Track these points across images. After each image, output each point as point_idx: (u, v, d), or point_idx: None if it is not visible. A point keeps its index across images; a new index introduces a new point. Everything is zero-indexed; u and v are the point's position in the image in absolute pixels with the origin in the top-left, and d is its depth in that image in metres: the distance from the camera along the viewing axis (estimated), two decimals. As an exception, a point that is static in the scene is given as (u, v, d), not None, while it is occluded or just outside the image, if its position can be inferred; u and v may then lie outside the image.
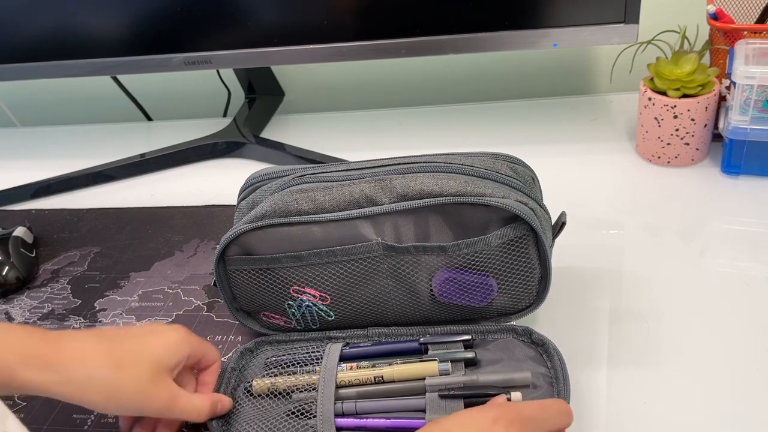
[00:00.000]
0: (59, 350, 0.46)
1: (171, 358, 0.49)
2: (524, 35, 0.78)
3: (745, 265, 0.65)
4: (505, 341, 0.56)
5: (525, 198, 0.54)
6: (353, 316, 0.58)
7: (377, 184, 0.54)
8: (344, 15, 0.82)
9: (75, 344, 0.47)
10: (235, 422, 0.53)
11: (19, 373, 0.44)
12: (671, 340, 0.58)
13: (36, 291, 0.74)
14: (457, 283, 0.55)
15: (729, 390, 0.53)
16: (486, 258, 0.54)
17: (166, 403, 0.48)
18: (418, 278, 0.55)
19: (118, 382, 0.46)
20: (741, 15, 0.81)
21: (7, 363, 0.44)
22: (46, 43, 0.89)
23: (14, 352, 0.45)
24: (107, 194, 0.92)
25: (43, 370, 0.45)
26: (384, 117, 1.01)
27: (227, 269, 0.58)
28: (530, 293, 0.57)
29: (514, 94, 1.05)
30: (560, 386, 0.51)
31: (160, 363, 0.48)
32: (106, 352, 0.47)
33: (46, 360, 0.45)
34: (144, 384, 0.47)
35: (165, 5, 0.84)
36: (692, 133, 0.76)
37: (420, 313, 0.58)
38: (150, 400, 0.48)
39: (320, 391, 0.52)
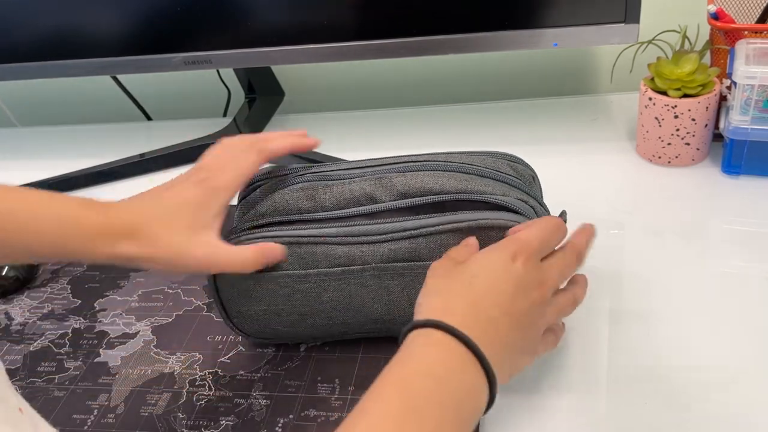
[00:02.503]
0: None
1: (196, 217, 0.50)
2: (524, 35, 0.78)
3: (745, 265, 0.65)
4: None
5: (525, 196, 0.54)
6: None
7: (377, 182, 0.54)
8: (344, 15, 0.82)
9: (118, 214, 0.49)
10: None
11: (95, 243, 0.48)
12: (671, 340, 0.58)
13: (36, 291, 0.74)
14: None
15: (729, 390, 0.53)
16: None
17: (203, 260, 0.49)
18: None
19: (158, 251, 0.48)
20: (742, 15, 0.81)
21: (82, 232, 0.48)
22: (46, 43, 0.89)
23: (92, 221, 0.48)
24: (107, 194, 0.92)
25: (110, 246, 0.48)
26: (384, 117, 1.01)
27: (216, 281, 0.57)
28: None
29: (514, 94, 1.05)
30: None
31: (188, 226, 0.49)
32: (142, 225, 0.49)
33: (111, 234, 0.48)
34: (176, 249, 0.49)
35: (165, 5, 0.84)
36: (693, 133, 0.76)
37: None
38: (185, 261, 0.49)
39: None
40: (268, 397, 0.57)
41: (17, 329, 0.69)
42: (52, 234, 0.48)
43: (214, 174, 0.53)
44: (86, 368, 0.63)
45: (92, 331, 0.67)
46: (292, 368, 0.60)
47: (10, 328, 0.69)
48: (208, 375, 0.60)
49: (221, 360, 0.62)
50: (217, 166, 0.54)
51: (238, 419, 0.56)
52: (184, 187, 0.52)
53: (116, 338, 0.66)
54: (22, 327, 0.69)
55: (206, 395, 0.58)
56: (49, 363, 0.64)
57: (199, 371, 0.61)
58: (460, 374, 0.39)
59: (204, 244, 0.50)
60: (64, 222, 0.48)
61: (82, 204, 0.50)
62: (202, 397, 0.58)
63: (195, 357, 0.62)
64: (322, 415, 0.55)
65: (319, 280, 0.55)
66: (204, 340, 0.64)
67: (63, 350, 0.66)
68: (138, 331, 0.67)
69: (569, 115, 0.94)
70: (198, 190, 0.52)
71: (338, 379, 0.58)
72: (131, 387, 0.60)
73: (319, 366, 0.60)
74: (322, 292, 0.55)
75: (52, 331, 0.68)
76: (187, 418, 0.57)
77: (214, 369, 0.61)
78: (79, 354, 0.65)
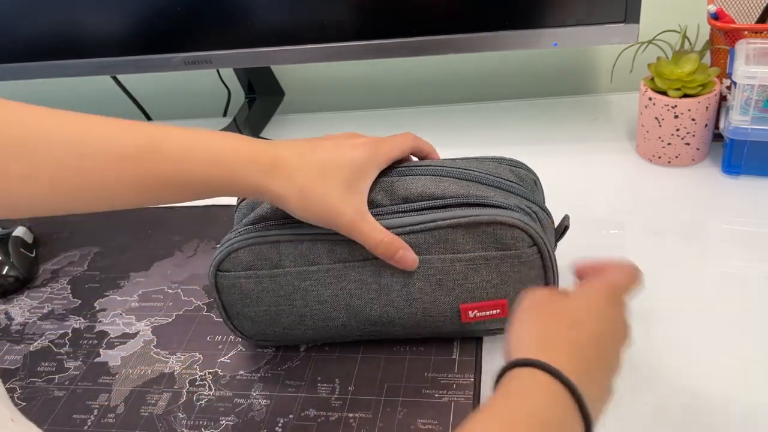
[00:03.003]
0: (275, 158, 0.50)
1: (356, 180, 0.51)
2: (524, 35, 0.78)
3: (745, 265, 0.65)
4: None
5: (526, 203, 0.54)
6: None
7: (378, 186, 0.54)
8: (344, 15, 0.82)
9: (283, 153, 0.50)
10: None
11: (247, 177, 0.49)
12: (671, 340, 0.58)
13: (36, 291, 0.74)
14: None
15: (730, 390, 0.53)
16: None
17: (349, 222, 0.50)
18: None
19: (310, 198, 0.50)
20: (742, 15, 0.81)
21: (238, 165, 0.49)
22: (46, 43, 0.89)
23: (243, 157, 0.49)
24: (107, 194, 0.92)
25: (265, 175, 0.49)
26: (384, 117, 1.01)
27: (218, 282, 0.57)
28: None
29: (514, 94, 1.05)
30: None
31: (345, 181, 0.50)
32: (301, 171, 0.50)
33: (267, 163, 0.49)
34: (331, 203, 0.50)
35: (165, 5, 0.84)
36: (693, 133, 0.76)
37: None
38: (336, 217, 0.50)
39: None
40: (268, 397, 0.57)
41: (17, 329, 0.69)
42: (207, 163, 0.48)
43: (375, 141, 0.54)
44: (86, 368, 0.63)
45: (92, 331, 0.67)
46: (292, 368, 0.60)
47: (10, 328, 0.69)
48: (208, 375, 0.60)
49: (221, 360, 0.62)
50: (380, 138, 0.55)
51: (238, 419, 0.56)
52: (353, 144, 0.53)
53: (116, 338, 0.66)
54: (22, 327, 0.69)
55: (206, 395, 0.58)
56: (49, 363, 0.64)
57: (199, 371, 0.61)
58: (563, 421, 0.38)
59: (354, 207, 0.51)
60: (217, 151, 0.49)
61: (233, 136, 0.51)
62: (202, 397, 0.58)
63: (195, 357, 0.62)
64: (322, 415, 0.55)
65: (320, 277, 0.55)
66: (204, 340, 0.64)
67: (63, 350, 0.66)
68: (138, 331, 0.67)
69: (569, 115, 0.93)
70: (363, 152, 0.52)
71: (338, 379, 0.58)
72: (131, 387, 0.60)
73: (319, 366, 0.60)
74: (322, 291, 0.55)
75: (52, 331, 0.68)
76: (187, 418, 0.57)
77: (214, 369, 0.61)
78: (79, 354, 0.65)
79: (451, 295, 0.54)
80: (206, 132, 0.50)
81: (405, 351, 0.59)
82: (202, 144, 0.49)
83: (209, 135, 0.50)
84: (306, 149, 0.51)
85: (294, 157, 0.50)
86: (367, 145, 0.53)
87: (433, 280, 0.54)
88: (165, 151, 0.48)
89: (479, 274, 0.54)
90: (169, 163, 0.48)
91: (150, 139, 0.48)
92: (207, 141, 0.49)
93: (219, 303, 0.58)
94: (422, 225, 0.53)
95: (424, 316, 0.56)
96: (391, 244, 0.52)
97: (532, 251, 0.53)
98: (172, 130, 0.49)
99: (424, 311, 0.55)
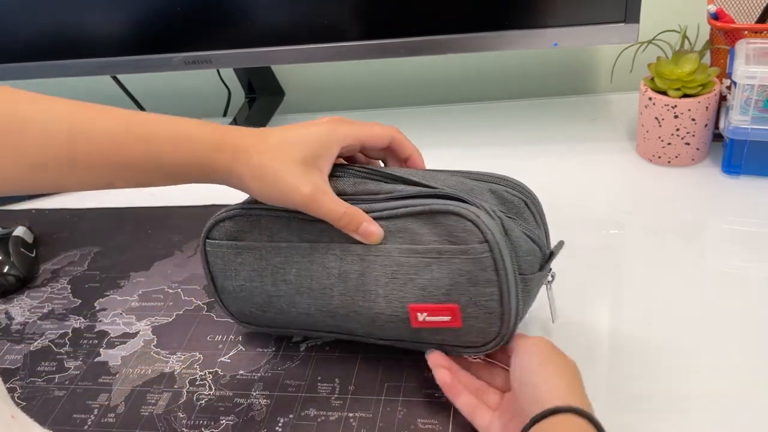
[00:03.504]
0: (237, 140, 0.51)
1: (315, 156, 0.51)
2: (524, 35, 0.78)
3: (745, 265, 0.65)
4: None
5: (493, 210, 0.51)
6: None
7: (352, 184, 0.55)
8: (344, 15, 0.82)
9: (242, 139, 0.52)
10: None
11: (213, 158, 0.50)
12: (671, 340, 0.58)
13: (36, 291, 0.74)
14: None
15: (730, 390, 0.53)
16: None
17: (307, 199, 0.51)
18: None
19: (267, 177, 0.50)
20: (742, 15, 0.81)
21: (205, 149, 0.50)
22: (46, 43, 0.89)
23: (209, 140, 0.51)
24: (107, 194, 0.92)
25: (227, 158, 0.51)
26: (384, 117, 1.00)
27: (207, 250, 0.59)
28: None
29: (514, 94, 1.05)
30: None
31: (303, 159, 0.51)
32: (261, 153, 0.51)
33: (230, 147, 0.51)
34: (288, 180, 0.50)
35: (165, 5, 0.84)
36: (693, 133, 0.76)
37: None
38: (293, 194, 0.51)
39: None
40: (268, 396, 0.57)
41: (17, 329, 0.69)
42: (173, 147, 0.50)
43: (343, 121, 0.54)
44: (86, 368, 0.63)
45: (92, 331, 0.67)
46: (292, 368, 0.60)
47: (10, 328, 0.69)
48: (208, 375, 0.60)
49: (221, 360, 0.62)
50: (349, 120, 0.55)
51: (238, 419, 0.56)
52: (315, 123, 0.54)
53: (116, 338, 0.66)
54: (22, 327, 0.69)
55: (206, 395, 0.58)
56: (49, 363, 0.64)
57: (199, 371, 0.61)
58: None
59: (313, 182, 0.51)
60: (184, 135, 0.51)
61: (201, 123, 0.52)
62: (202, 397, 0.58)
63: (195, 357, 0.62)
64: (322, 415, 0.55)
65: (289, 255, 0.55)
66: (204, 339, 0.64)
67: (63, 350, 0.66)
68: (138, 330, 0.67)
69: (569, 115, 0.94)
70: (323, 128, 0.53)
71: (338, 379, 0.58)
72: (131, 386, 0.60)
73: (319, 366, 0.60)
74: (289, 269, 0.56)
75: (53, 331, 0.68)
76: (187, 417, 0.57)
77: (214, 369, 0.61)
78: (79, 354, 0.65)
79: (402, 291, 0.52)
80: (176, 118, 0.51)
81: (405, 351, 0.59)
82: (170, 128, 0.51)
83: (178, 121, 0.51)
84: (267, 132, 0.52)
85: (253, 138, 0.52)
86: (328, 122, 0.53)
87: (389, 271, 0.52)
88: (137, 135, 0.50)
89: (430, 271, 0.51)
90: (140, 146, 0.50)
91: (124, 124, 0.50)
92: (175, 125, 0.51)
93: (207, 273, 0.60)
94: (382, 212, 0.52)
95: (377, 313, 0.53)
96: (355, 216, 0.52)
97: (482, 248, 0.49)
98: (144, 115, 0.51)
99: (376, 306, 0.53)
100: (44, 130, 0.48)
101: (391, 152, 0.57)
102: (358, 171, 0.55)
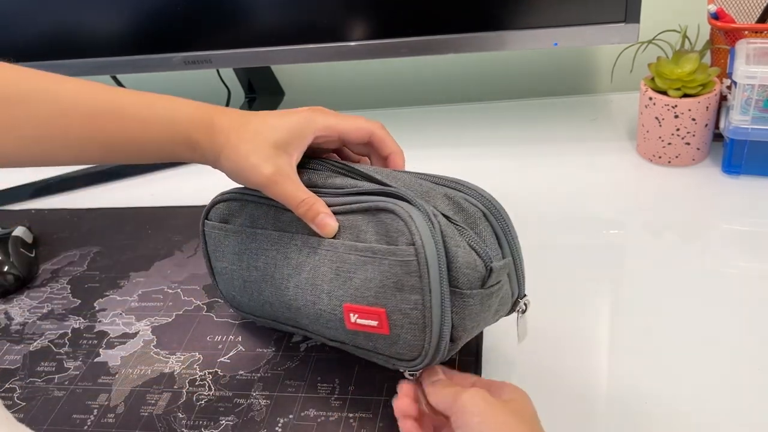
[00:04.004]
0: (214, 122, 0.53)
1: (287, 141, 0.52)
2: (524, 35, 0.78)
3: (745, 265, 0.65)
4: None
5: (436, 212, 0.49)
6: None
7: (315, 173, 0.56)
8: (344, 15, 0.82)
9: (224, 115, 0.53)
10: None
11: (191, 134, 0.52)
12: (671, 341, 0.58)
13: (35, 291, 0.74)
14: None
15: (730, 390, 0.53)
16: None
17: (268, 180, 0.51)
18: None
19: (236, 155, 0.52)
20: (742, 14, 0.81)
21: (183, 125, 0.52)
22: (45, 42, 0.89)
23: (187, 119, 0.52)
24: (107, 194, 0.92)
25: (206, 134, 0.52)
26: (384, 117, 1.00)
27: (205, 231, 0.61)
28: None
29: (514, 94, 1.05)
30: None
31: (275, 142, 0.52)
32: (237, 131, 0.52)
33: (208, 125, 0.52)
34: (252, 160, 0.51)
35: (165, 5, 0.84)
36: (693, 132, 0.76)
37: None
38: (255, 174, 0.52)
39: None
40: (268, 397, 0.57)
41: (17, 329, 0.69)
42: (159, 126, 0.52)
43: (324, 111, 0.55)
44: (86, 368, 0.63)
45: (92, 331, 0.67)
46: (292, 368, 0.60)
47: (10, 328, 0.69)
48: (208, 375, 0.60)
49: (221, 360, 0.62)
50: (331, 111, 0.56)
51: (238, 419, 0.56)
52: (295, 111, 0.54)
53: (116, 338, 0.66)
54: (22, 327, 0.69)
55: (206, 395, 0.58)
56: (49, 363, 0.64)
57: (199, 371, 0.61)
58: None
59: (277, 165, 0.52)
60: (168, 113, 0.52)
61: (185, 103, 0.54)
62: (202, 397, 0.58)
63: (195, 357, 0.62)
64: (322, 415, 0.55)
65: (261, 241, 0.56)
66: (204, 340, 0.64)
67: (63, 350, 0.66)
68: (138, 331, 0.66)
69: (569, 115, 0.93)
70: (299, 117, 0.54)
71: (338, 379, 0.58)
72: (131, 387, 0.60)
73: (319, 366, 0.59)
74: (259, 256, 0.56)
75: (52, 331, 0.68)
76: (187, 418, 0.57)
77: (214, 369, 0.61)
78: (78, 354, 0.65)
79: (342, 289, 0.50)
80: (161, 97, 0.53)
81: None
82: (157, 106, 0.52)
83: (164, 100, 0.53)
84: (249, 115, 0.53)
85: (233, 120, 0.53)
86: (308, 111, 0.54)
87: (333, 267, 0.51)
88: (125, 111, 0.52)
89: (365, 270, 0.49)
90: (126, 122, 0.51)
91: (112, 100, 0.52)
92: (162, 103, 0.53)
93: (205, 253, 0.61)
94: (339, 207, 0.52)
95: (320, 309, 0.52)
96: (314, 205, 0.52)
97: (409, 250, 0.47)
98: (130, 93, 0.53)
99: (320, 302, 0.52)
100: (44, 105, 0.50)
101: (372, 148, 0.57)
102: (333, 165, 0.56)
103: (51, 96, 0.50)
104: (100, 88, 0.52)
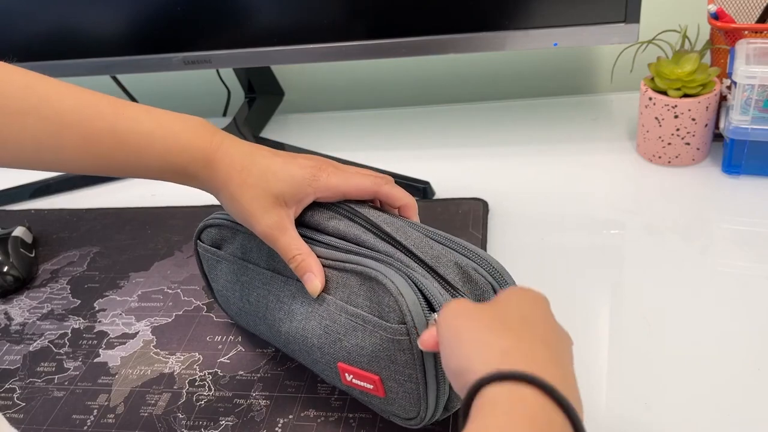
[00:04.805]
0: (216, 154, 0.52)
1: (288, 195, 0.52)
2: (524, 35, 0.78)
3: (745, 265, 0.65)
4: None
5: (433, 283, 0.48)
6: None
7: (319, 215, 0.54)
8: (344, 15, 0.82)
9: (226, 152, 0.52)
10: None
11: (188, 168, 0.51)
12: (672, 341, 0.58)
13: (35, 291, 0.74)
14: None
15: (730, 390, 0.53)
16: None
17: (265, 230, 0.51)
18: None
19: (237, 198, 0.51)
20: (742, 14, 0.81)
21: (185, 152, 0.51)
22: (45, 43, 0.89)
23: (193, 146, 0.51)
24: (107, 194, 0.92)
25: (204, 168, 0.51)
26: (384, 117, 1.01)
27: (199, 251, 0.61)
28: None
29: (515, 94, 1.05)
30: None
31: (276, 194, 0.51)
32: (240, 172, 0.51)
33: (208, 160, 0.51)
34: (254, 207, 0.51)
35: (165, 5, 0.84)
36: (693, 132, 0.76)
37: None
38: (254, 222, 0.51)
39: None
40: (268, 397, 0.57)
41: (17, 329, 0.69)
42: (162, 154, 0.51)
43: (329, 170, 0.53)
44: (86, 368, 0.63)
45: (92, 331, 0.67)
46: (292, 368, 0.60)
47: (9, 328, 0.69)
48: (207, 375, 0.60)
49: (221, 360, 0.62)
50: (336, 167, 0.54)
51: (237, 419, 0.56)
52: (300, 164, 0.53)
53: (116, 338, 0.66)
54: (21, 327, 0.69)
55: (206, 395, 0.58)
56: (49, 363, 0.64)
57: (199, 371, 0.61)
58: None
59: (274, 219, 0.51)
60: (171, 143, 0.51)
61: (193, 128, 0.52)
62: (201, 397, 0.58)
63: (195, 357, 0.62)
64: (322, 415, 0.55)
65: (252, 277, 0.56)
66: (204, 340, 0.64)
67: (63, 350, 0.66)
68: (138, 331, 0.66)
69: (569, 115, 0.93)
70: (304, 173, 0.52)
71: (338, 379, 0.58)
72: (131, 387, 0.60)
73: (318, 366, 0.60)
74: (251, 292, 0.57)
75: (52, 331, 0.68)
76: (187, 418, 0.57)
77: (213, 369, 0.61)
78: (78, 354, 0.65)
79: (333, 348, 0.50)
80: (161, 124, 0.51)
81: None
82: (155, 136, 0.51)
83: (163, 129, 0.51)
84: (252, 155, 0.52)
85: (235, 159, 0.52)
86: (312, 168, 0.52)
87: (323, 324, 0.51)
88: (122, 137, 0.51)
89: (356, 336, 0.49)
90: (123, 149, 0.51)
91: (112, 124, 0.50)
92: (161, 132, 0.51)
93: (201, 271, 0.63)
94: (335, 263, 0.51)
95: (315, 359, 0.53)
96: (304, 261, 0.51)
97: (401, 329, 0.46)
98: (131, 119, 0.51)
99: (313, 353, 0.53)
100: (46, 113, 0.49)
101: (382, 201, 0.55)
102: (342, 209, 0.53)
103: (51, 112, 0.49)
104: (101, 107, 0.51)
